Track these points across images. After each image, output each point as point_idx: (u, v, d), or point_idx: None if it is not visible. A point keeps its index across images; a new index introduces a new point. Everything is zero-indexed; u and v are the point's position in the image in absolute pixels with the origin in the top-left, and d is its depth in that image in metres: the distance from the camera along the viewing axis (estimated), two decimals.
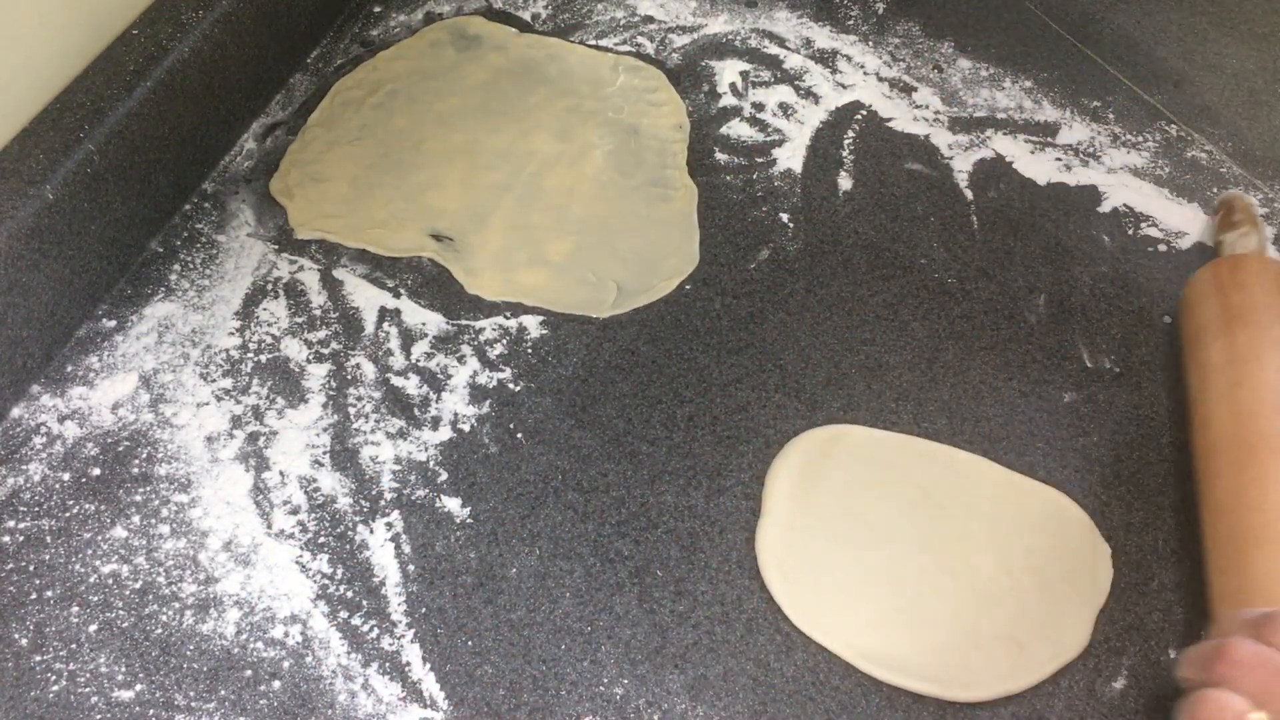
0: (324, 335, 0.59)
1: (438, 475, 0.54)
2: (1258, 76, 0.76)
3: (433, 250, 0.63)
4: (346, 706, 0.46)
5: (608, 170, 0.68)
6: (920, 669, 0.48)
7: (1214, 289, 0.57)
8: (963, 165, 0.69)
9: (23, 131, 0.56)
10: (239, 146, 0.68)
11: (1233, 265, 0.58)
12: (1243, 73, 0.76)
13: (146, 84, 0.59)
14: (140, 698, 0.46)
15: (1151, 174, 0.69)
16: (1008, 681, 0.48)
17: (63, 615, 0.48)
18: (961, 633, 0.49)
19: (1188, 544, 0.53)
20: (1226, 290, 0.56)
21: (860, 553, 0.51)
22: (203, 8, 0.63)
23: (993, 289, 0.63)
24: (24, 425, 0.55)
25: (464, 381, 0.58)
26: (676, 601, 0.50)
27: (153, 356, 0.58)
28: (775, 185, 0.68)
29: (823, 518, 0.52)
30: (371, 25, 0.76)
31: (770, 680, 0.48)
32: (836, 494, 0.53)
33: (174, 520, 0.52)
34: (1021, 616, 0.50)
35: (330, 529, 0.52)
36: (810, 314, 0.61)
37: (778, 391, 0.58)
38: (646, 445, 0.55)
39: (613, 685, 0.48)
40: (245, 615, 0.49)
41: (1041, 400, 0.58)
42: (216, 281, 0.61)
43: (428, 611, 0.49)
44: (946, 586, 0.50)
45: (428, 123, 0.70)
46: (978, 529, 0.52)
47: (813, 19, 0.78)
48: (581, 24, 0.77)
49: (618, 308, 0.61)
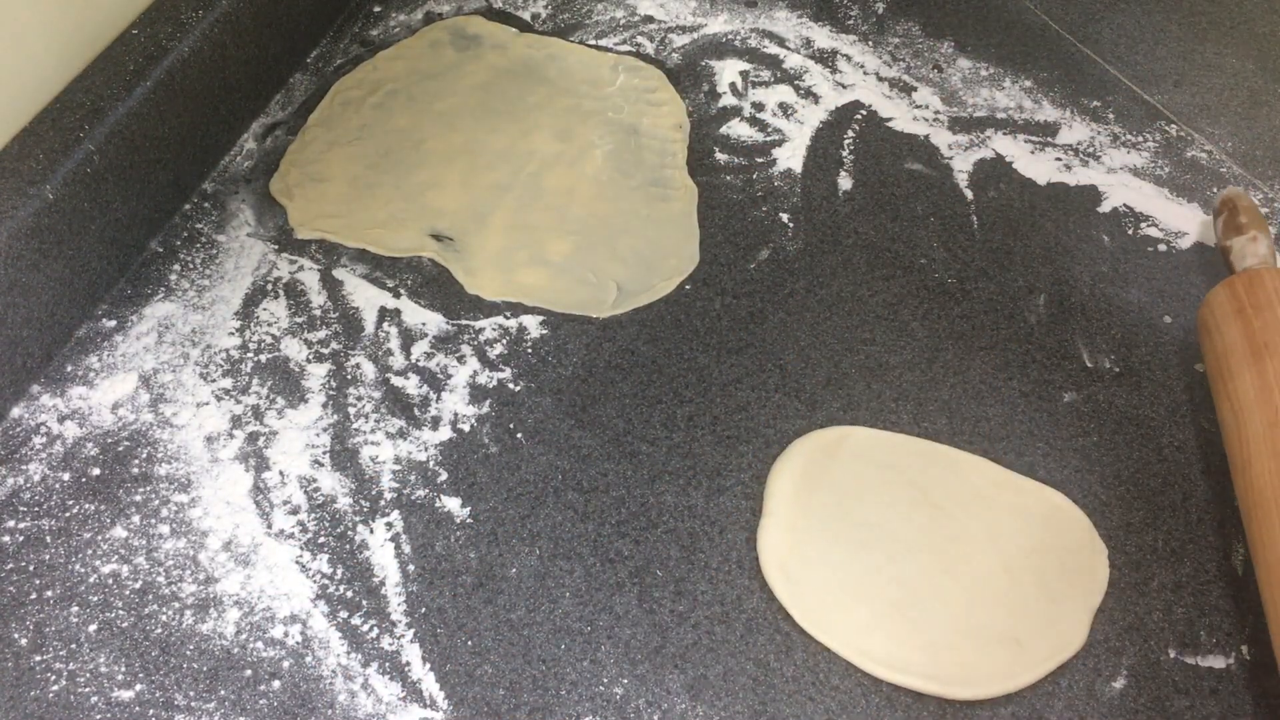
0: (324, 335, 0.59)
1: (438, 475, 0.54)
2: (1258, 76, 0.76)
3: (433, 250, 0.63)
4: (346, 706, 0.46)
5: (608, 170, 0.68)
6: (920, 667, 0.48)
7: (1233, 311, 0.56)
8: (963, 165, 0.69)
9: (23, 131, 0.56)
10: (239, 146, 0.68)
11: (1249, 284, 0.56)
12: (1243, 73, 0.76)
13: (146, 84, 0.59)
14: (140, 698, 0.46)
15: (1151, 174, 0.69)
16: (1007, 680, 0.48)
17: (63, 615, 0.48)
18: (961, 631, 0.49)
19: (1187, 544, 0.53)
20: (1247, 314, 0.55)
21: (861, 553, 0.51)
22: (203, 8, 0.63)
23: (993, 289, 0.63)
24: (24, 425, 0.55)
25: (464, 381, 0.58)
26: (676, 601, 0.50)
27: (153, 356, 0.58)
28: (775, 185, 0.68)
29: (824, 518, 0.52)
30: (371, 25, 0.76)
31: (770, 680, 0.48)
32: (838, 495, 0.53)
33: (174, 520, 0.52)
34: (1020, 615, 0.50)
35: (330, 529, 0.52)
36: (810, 314, 0.61)
37: (778, 391, 0.58)
38: (646, 445, 0.55)
39: (613, 685, 0.48)
40: (245, 615, 0.49)
41: (1041, 400, 0.58)
42: (216, 281, 0.61)
43: (428, 611, 0.49)
44: (946, 586, 0.50)
45: (427, 123, 0.70)
46: (977, 529, 0.52)
47: (813, 19, 0.78)
48: (581, 24, 0.77)
49: (618, 308, 0.61)
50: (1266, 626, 0.50)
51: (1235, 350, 0.54)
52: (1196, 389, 0.59)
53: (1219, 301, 0.57)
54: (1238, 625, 0.50)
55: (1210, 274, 0.64)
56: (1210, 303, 0.58)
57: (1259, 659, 0.49)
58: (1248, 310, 0.55)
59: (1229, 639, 0.50)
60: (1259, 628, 0.50)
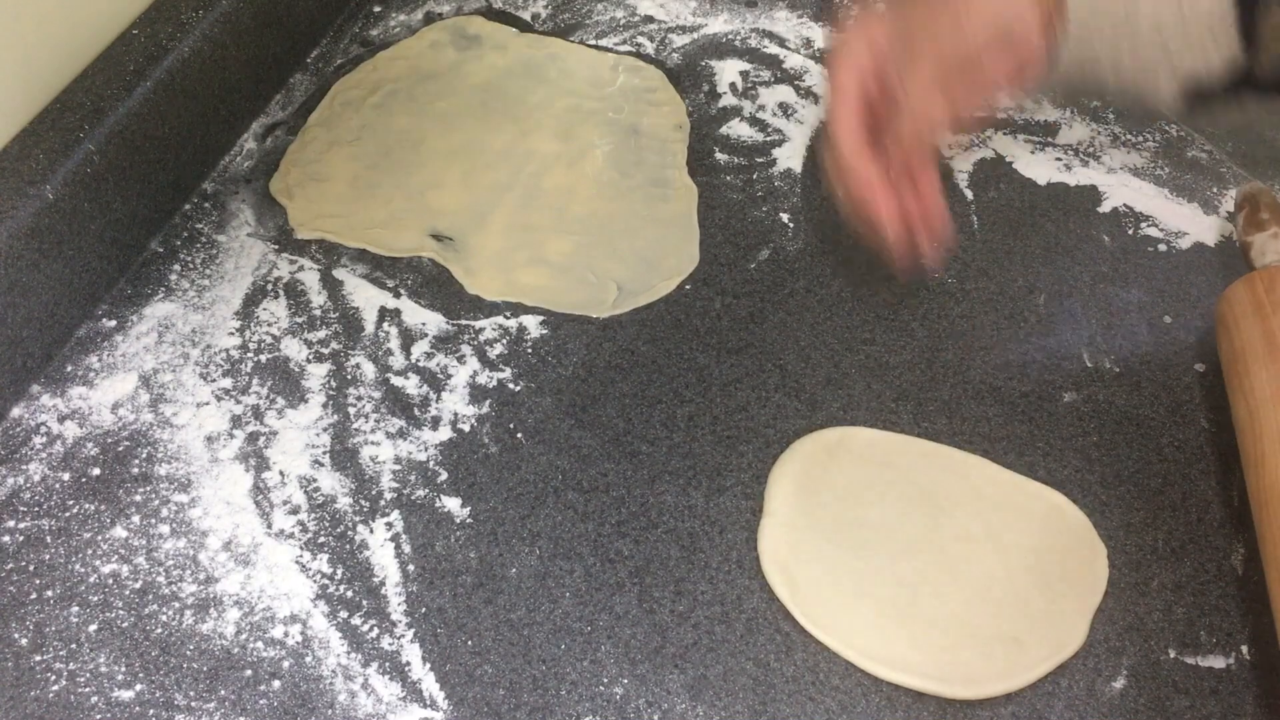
0: (324, 335, 0.59)
1: (438, 475, 0.54)
2: None
3: (433, 250, 0.63)
4: (346, 706, 0.46)
5: (608, 170, 0.68)
6: (920, 667, 0.48)
7: (1252, 308, 0.55)
8: (963, 165, 0.69)
9: (23, 131, 0.56)
10: (239, 146, 0.68)
11: (1269, 281, 0.55)
12: None
13: (146, 84, 0.59)
14: (140, 698, 0.46)
15: (1151, 174, 0.69)
16: (1007, 679, 0.48)
17: (63, 615, 0.48)
18: (961, 631, 0.49)
19: (1187, 544, 0.53)
20: (1265, 311, 0.54)
21: (862, 552, 0.51)
22: (203, 8, 0.63)
23: (993, 289, 0.63)
24: (24, 425, 0.55)
25: (464, 381, 0.58)
26: (676, 601, 0.50)
27: (153, 356, 0.58)
28: (775, 185, 0.68)
29: (825, 518, 0.52)
30: (371, 25, 0.76)
31: (770, 680, 0.48)
32: (839, 495, 0.53)
33: (174, 520, 0.52)
34: (1020, 615, 0.50)
35: (330, 529, 0.52)
36: (810, 314, 0.61)
37: (778, 391, 0.58)
38: (646, 445, 0.55)
39: (613, 685, 0.48)
40: (245, 615, 0.49)
41: (1041, 400, 0.58)
42: (216, 281, 0.61)
43: (428, 611, 0.49)
44: (946, 585, 0.50)
45: (427, 123, 0.70)
46: (977, 529, 0.52)
47: (813, 19, 0.78)
48: (581, 24, 0.77)
49: (618, 308, 0.61)
50: (1268, 626, 0.50)
51: (1252, 347, 0.54)
52: (1196, 389, 0.59)
53: (1238, 297, 0.56)
54: (1238, 625, 0.50)
55: (1210, 274, 0.64)
56: (1229, 298, 0.57)
57: (1259, 659, 0.49)
58: (1266, 307, 0.54)
59: (1229, 639, 0.50)
60: (1259, 628, 0.50)
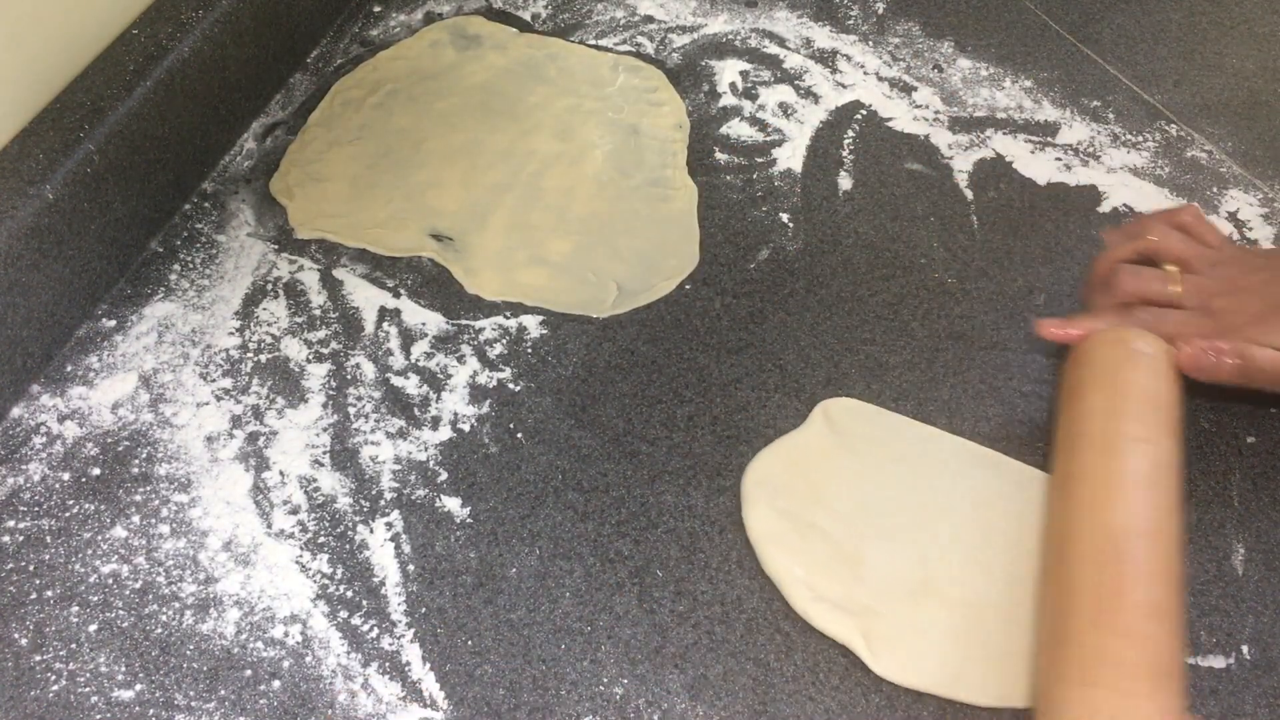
0: (324, 335, 0.59)
1: (438, 475, 0.54)
2: (1258, 76, 0.76)
3: (433, 250, 0.63)
4: (346, 706, 0.46)
5: (608, 170, 0.68)
6: (921, 667, 0.48)
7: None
8: (963, 165, 0.69)
9: (23, 131, 0.56)
10: (239, 146, 0.68)
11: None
12: (1243, 73, 0.76)
13: (146, 84, 0.59)
14: (140, 697, 0.46)
15: (1151, 174, 0.69)
16: (1008, 680, 0.48)
17: (63, 615, 0.48)
18: (962, 633, 0.49)
19: (1187, 544, 0.53)
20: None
21: (862, 550, 0.51)
22: (203, 8, 0.63)
23: (993, 289, 0.63)
24: (24, 425, 0.55)
25: (464, 381, 0.58)
26: (676, 601, 0.50)
27: (152, 356, 0.58)
28: (775, 185, 0.68)
29: (824, 515, 0.52)
30: (371, 25, 0.76)
31: (770, 680, 0.48)
32: (838, 490, 0.53)
33: (174, 520, 0.52)
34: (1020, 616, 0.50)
35: (330, 529, 0.52)
36: (810, 314, 0.61)
37: (778, 391, 0.58)
38: (646, 445, 0.55)
39: (613, 685, 0.48)
40: (245, 615, 0.49)
41: (1042, 400, 0.58)
42: (216, 281, 0.61)
43: (428, 611, 0.49)
44: (949, 590, 0.50)
45: (427, 123, 0.70)
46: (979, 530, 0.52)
47: (813, 19, 0.78)
48: (581, 24, 0.77)
49: (618, 307, 0.61)
50: (1269, 626, 0.50)
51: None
52: (1195, 389, 0.59)
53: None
54: (1238, 625, 0.50)
55: None
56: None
57: (1259, 659, 0.49)
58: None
59: (1229, 639, 0.50)
60: (1259, 628, 0.50)
